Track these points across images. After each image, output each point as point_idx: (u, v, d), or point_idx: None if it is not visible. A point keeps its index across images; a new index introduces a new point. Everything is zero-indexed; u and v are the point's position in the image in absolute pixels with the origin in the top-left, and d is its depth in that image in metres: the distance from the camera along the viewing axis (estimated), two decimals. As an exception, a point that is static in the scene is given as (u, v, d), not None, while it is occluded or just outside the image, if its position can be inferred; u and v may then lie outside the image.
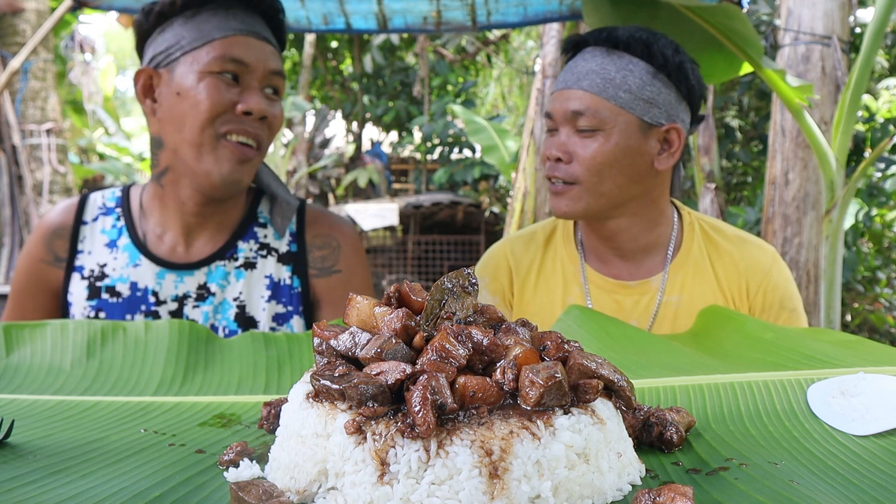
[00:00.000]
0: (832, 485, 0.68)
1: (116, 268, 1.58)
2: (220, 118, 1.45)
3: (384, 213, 10.22)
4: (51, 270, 1.60)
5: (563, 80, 1.57)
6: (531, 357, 0.69)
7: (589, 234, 1.67)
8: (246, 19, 1.50)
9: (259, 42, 1.50)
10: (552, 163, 1.57)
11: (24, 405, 0.99)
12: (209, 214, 1.58)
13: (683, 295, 1.61)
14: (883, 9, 2.33)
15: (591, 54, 1.54)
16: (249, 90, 1.48)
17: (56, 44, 8.20)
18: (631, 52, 1.52)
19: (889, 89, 5.28)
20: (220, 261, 1.59)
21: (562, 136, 1.55)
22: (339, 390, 0.67)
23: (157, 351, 1.20)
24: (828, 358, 1.06)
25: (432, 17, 2.37)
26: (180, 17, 1.48)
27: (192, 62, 1.45)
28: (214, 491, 0.70)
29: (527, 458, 0.63)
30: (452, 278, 0.76)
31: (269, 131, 1.53)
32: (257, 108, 1.46)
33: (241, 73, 1.47)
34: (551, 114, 1.58)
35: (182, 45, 1.47)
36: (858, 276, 5.00)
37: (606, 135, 1.51)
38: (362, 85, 13.40)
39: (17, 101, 5.97)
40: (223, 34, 1.47)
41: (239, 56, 1.46)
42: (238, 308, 1.58)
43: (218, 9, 1.49)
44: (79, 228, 1.62)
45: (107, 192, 1.68)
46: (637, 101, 1.51)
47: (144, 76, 1.52)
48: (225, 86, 1.45)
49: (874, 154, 2.57)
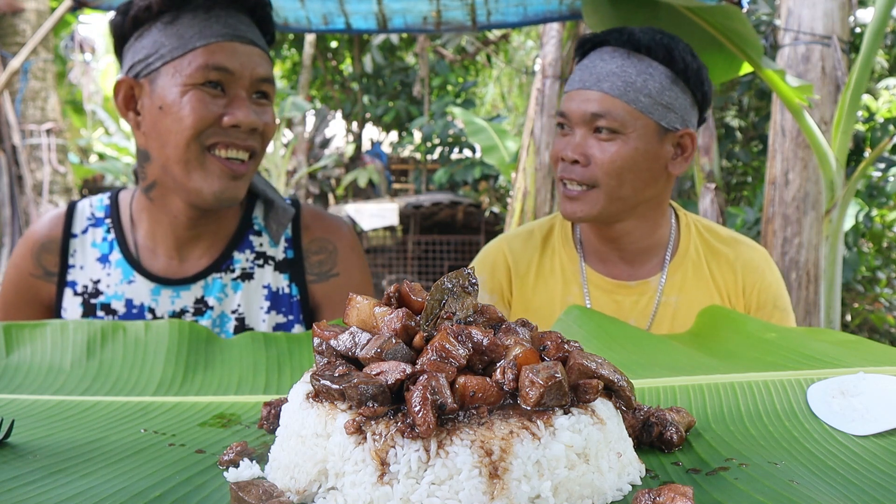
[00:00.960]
0: (832, 485, 0.68)
1: (111, 284, 1.53)
2: (207, 132, 1.38)
3: (384, 213, 10.22)
4: (41, 285, 1.55)
5: (581, 80, 1.54)
6: (531, 357, 0.69)
7: (591, 236, 1.67)
8: (229, 21, 1.41)
9: (244, 46, 1.41)
10: (567, 164, 1.53)
11: (24, 405, 0.99)
12: (202, 226, 1.53)
13: (682, 295, 1.61)
14: (883, 9, 2.33)
15: (610, 55, 1.52)
16: (236, 100, 1.39)
17: (56, 44, 8.20)
18: (652, 55, 1.50)
19: (889, 89, 5.28)
20: (217, 273, 1.54)
21: (577, 137, 1.52)
22: (339, 390, 0.67)
23: (157, 351, 1.19)
24: (828, 358, 1.06)
25: (432, 17, 2.37)
26: (158, 23, 1.39)
27: (173, 73, 1.37)
28: (214, 491, 0.70)
29: (527, 458, 0.63)
30: (452, 278, 0.76)
31: (262, 140, 1.46)
32: (245, 120, 1.38)
33: (226, 82, 1.39)
34: (566, 114, 1.55)
35: (162, 53, 1.38)
36: (858, 276, 5.00)
37: (626, 138, 1.49)
38: (362, 85, 13.39)
39: (17, 101, 5.97)
40: (205, 41, 1.38)
41: (222, 64, 1.37)
42: (237, 321, 1.54)
43: (198, 11, 1.39)
44: (68, 242, 1.55)
45: (94, 199, 1.62)
46: (656, 106, 1.50)
47: (125, 87, 1.44)
48: (210, 98, 1.37)
49: (874, 154, 2.57)
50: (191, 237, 1.53)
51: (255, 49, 1.43)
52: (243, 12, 1.44)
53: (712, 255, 1.65)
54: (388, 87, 13.40)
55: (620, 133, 1.49)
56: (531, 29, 10.35)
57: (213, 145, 1.39)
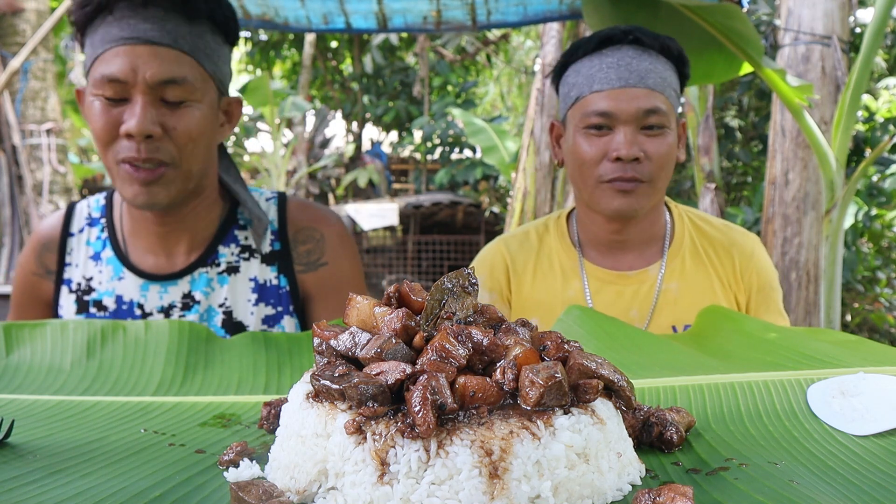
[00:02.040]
0: (832, 485, 0.68)
1: (102, 281, 1.55)
2: (114, 143, 1.36)
3: (384, 213, 10.22)
4: (43, 283, 1.59)
5: (621, 78, 1.53)
6: (531, 357, 0.69)
7: (599, 230, 1.67)
8: (130, 22, 1.34)
9: (141, 48, 1.34)
10: (625, 164, 1.53)
11: (24, 405, 0.99)
12: (175, 223, 1.52)
13: (682, 282, 1.65)
14: (883, 9, 2.33)
15: (638, 53, 1.55)
16: (131, 107, 1.34)
17: (56, 44, 8.20)
18: (665, 53, 1.57)
19: (889, 89, 5.28)
20: (203, 268, 1.55)
21: (626, 134, 1.52)
22: (339, 390, 0.67)
23: (157, 351, 1.19)
24: (828, 358, 1.06)
25: (432, 16, 2.37)
26: (88, 30, 1.38)
27: (90, 82, 1.37)
28: (214, 491, 0.70)
29: (527, 458, 0.63)
30: (452, 278, 0.76)
31: (176, 143, 1.38)
32: (136, 128, 1.32)
33: (123, 92, 1.34)
34: (612, 112, 1.53)
35: (86, 63, 1.39)
36: (858, 276, 5.00)
37: (668, 132, 1.55)
38: (362, 85, 13.39)
39: (17, 101, 5.97)
40: (103, 48, 1.34)
41: (113, 74, 1.33)
42: (225, 314, 1.55)
43: (104, 12, 1.35)
44: (66, 240, 1.59)
45: (92, 199, 1.65)
46: (676, 99, 1.59)
47: (82, 97, 1.44)
48: (108, 107, 1.34)
49: (874, 154, 2.57)
50: (167, 233, 1.53)
51: (156, 49, 1.35)
52: (153, 4, 1.36)
53: (707, 242, 1.69)
54: (388, 87, 13.40)
55: (665, 127, 1.54)
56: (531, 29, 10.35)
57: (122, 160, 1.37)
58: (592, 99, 1.54)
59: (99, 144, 1.39)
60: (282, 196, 1.66)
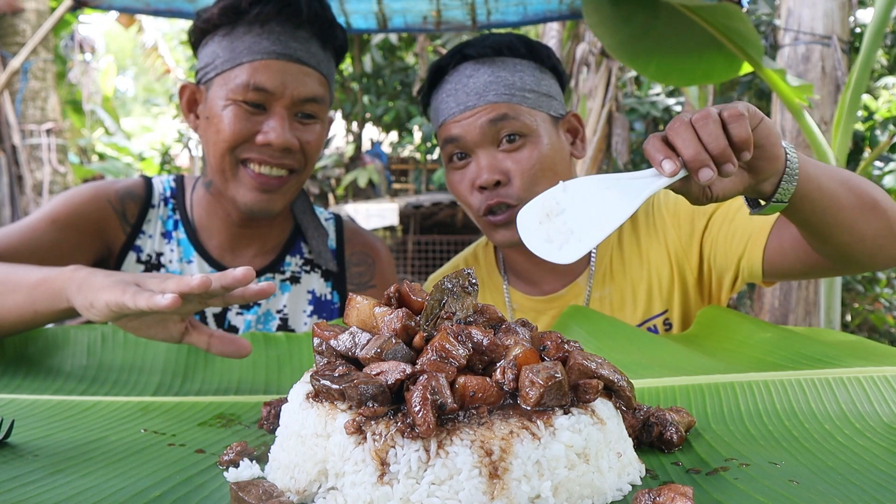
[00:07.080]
0: (832, 485, 0.68)
1: (172, 260, 1.56)
2: (241, 146, 1.41)
3: (384, 213, 10.22)
4: (114, 221, 1.52)
5: (459, 103, 1.44)
6: (531, 357, 0.69)
7: (518, 257, 1.59)
8: (281, 38, 1.41)
9: (292, 65, 1.41)
10: (489, 192, 1.42)
11: (24, 405, 0.99)
12: (255, 227, 1.57)
13: (612, 284, 1.54)
14: (883, 9, 2.33)
15: (475, 68, 1.45)
16: (274, 119, 1.41)
17: (56, 44, 8.20)
18: (514, 54, 1.46)
19: (888, 88, 5.27)
20: (269, 273, 1.60)
21: (484, 158, 1.42)
22: (339, 390, 0.67)
23: (157, 351, 1.20)
24: (828, 358, 1.06)
25: (432, 16, 2.37)
26: (217, 34, 1.44)
27: (223, 84, 1.41)
28: (214, 491, 0.70)
29: (527, 458, 0.63)
30: (452, 278, 0.76)
31: (304, 157, 1.47)
32: (277, 140, 1.39)
33: (265, 101, 1.40)
34: (459, 138, 1.43)
35: (217, 64, 1.43)
36: (858, 276, 5.00)
37: (532, 139, 1.43)
38: (362, 85, 13.39)
39: (17, 101, 5.97)
40: (251, 58, 1.40)
41: (262, 84, 1.39)
42: (281, 320, 1.60)
43: (254, 25, 1.41)
44: (147, 208, 1.57)
45: (157, 180, 1.63)
46: (541, 99, 1.45)
47: (188, 92, 1.50)
48: (248, 115, 1.40)
49: (874, 154, 2.57)
50: (243, 235, 1.58)
51: (303, 68, 1.43)
52: (302, 28, 1.44)
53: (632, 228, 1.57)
54: (388, 87, 13.40)
55: (527, 135, 1.42)
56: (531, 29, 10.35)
57: (246, 160, 1.43)
58: (442, 129, 1.49)
59: (223, 145, 1.41)
60: (338, 218, 1.74)
